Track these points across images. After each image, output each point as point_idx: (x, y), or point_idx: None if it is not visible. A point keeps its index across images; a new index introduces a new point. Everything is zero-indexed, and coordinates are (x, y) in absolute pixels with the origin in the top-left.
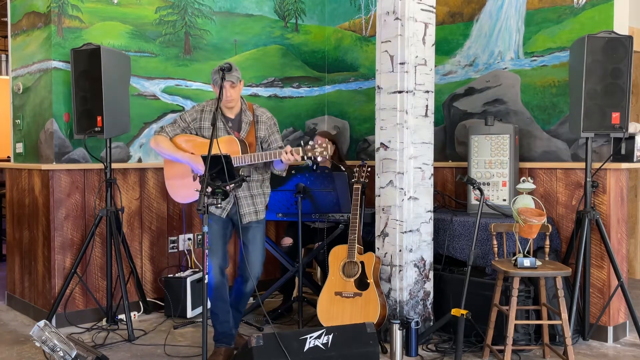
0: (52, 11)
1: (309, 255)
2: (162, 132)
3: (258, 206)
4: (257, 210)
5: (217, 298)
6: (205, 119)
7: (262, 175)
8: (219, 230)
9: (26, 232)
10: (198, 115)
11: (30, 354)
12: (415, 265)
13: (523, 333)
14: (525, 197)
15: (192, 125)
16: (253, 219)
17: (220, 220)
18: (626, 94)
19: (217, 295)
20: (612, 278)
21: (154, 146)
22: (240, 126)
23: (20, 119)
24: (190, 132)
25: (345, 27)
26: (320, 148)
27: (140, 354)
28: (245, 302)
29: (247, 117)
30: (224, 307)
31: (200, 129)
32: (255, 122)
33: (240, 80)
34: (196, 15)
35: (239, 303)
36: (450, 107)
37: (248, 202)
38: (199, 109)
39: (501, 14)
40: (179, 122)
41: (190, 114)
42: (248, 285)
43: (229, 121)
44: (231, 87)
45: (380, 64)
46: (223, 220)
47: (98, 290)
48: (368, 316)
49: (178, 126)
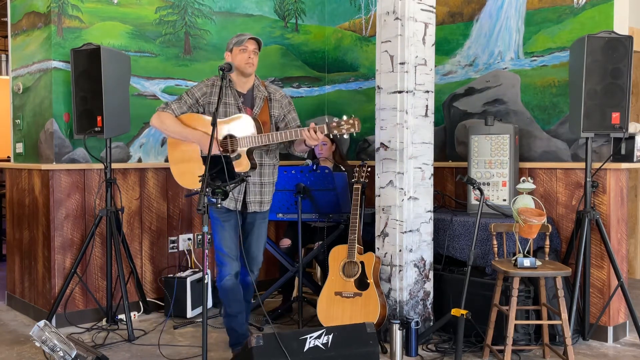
0: (52, 11)
1: (309, 255)
2: (167, 108)
3: (265, 197)
4: (262, 201)
5: (233, 300)
6: (216, 94)
7: (273, 160)
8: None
9: (26, 232)
10: (208, 89)
11: (30, 354)
12: (415, 265)
13: (523, 333)
14: (525, 197)
15: (201, 100)
16: (257, 209)
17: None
18: (626, 94)
19: (232, 297)
20: (612, 278)
21: (156, 124)
22: (253, 102)
23: (20, 119)
24: (197, 110)
25: (345, 27)
26: (347, 125)
27: (140, 354)
28: (252, 292)
29: (261, 92)
30: (240, 308)
31: (210, 104)
32: (268, 100)
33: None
34: (196, 15)
35: (246, 294)
36: (450, 107)
37: (256, 190)
38: (209, 83)
39: (501, 14)
40: (185, 99)
41: (199, 88)
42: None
43: (240, 96)
44: (255, 52)
45: (380, 64)
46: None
47: (98, 290)
48: (368, 316)
49: (185, 103)
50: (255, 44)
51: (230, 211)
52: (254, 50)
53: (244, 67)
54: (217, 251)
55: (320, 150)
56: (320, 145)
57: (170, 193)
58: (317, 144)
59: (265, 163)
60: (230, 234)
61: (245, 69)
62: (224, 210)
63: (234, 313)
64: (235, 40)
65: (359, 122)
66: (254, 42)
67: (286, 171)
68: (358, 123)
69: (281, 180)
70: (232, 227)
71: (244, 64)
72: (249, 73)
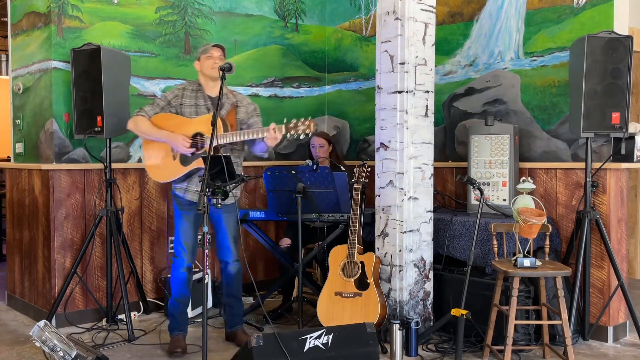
0: (52, 11)
1: (309, 255)
2: (140, 112)
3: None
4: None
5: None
6: (186, 96)
7: (238, 159)
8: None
9: (26, 232)
10: (180, 92)
11: (30, 354)
12: (415, 265)
13: (523, 333)
14: (525, 197)
15: (173, 102)
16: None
17: (194, 207)
18: (626, 94)
19: (181, 287)
20: (612, 278)
21: (132, 128)
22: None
23: (20, 119)
24: (170, 110)
25: (345, 27)
26: (303, 126)
27: (140, 354)
28: (238, 286)
29: (230, 99)
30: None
31: (181, 105)
32: (236, 106)
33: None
34: (196, 15)
35: (231, 288)
36: (450, 107)
37: None
38: (181, 87)
39: (501, 14)
40: (158, 102)
41: (172, 92)
42: (230, 267)
43: (209, 99)
44: (220, 58)
45: (380, 64)
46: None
47: (98, 290)
48: (368, 316)
49: (157, 105)
50: (220, 50)
51: (192, 204)
52: (220, 57)
53: (210, 72)
54: (175, 242)
55: (317, 152)
56: (317, 147)
57: (170, 193)
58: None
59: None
60: (189, 227)
61: (212, 73)
62: (186, 203)
63: (178, 301)
64: (201, 50)
65: (314, 124)
66: (219, 48)
67: (286, 171)
68: (313, 124)
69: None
70: (192, 220)
71: (210, 69)
72: (215, 77)
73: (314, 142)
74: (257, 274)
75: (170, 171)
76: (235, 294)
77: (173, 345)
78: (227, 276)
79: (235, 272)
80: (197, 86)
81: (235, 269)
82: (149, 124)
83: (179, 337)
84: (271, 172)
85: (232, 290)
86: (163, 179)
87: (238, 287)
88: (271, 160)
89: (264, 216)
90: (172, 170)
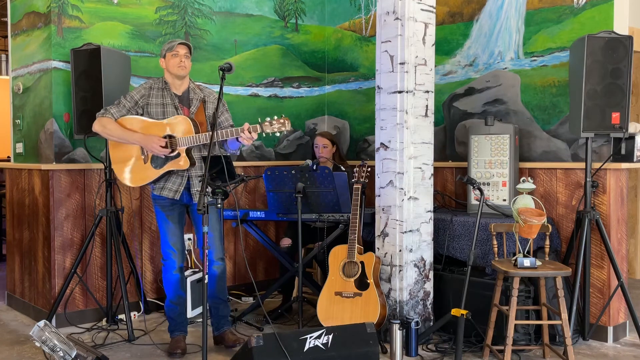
0: (52, 11)
1: (308, 255)
2: (106, 113)
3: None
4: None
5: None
6: (153, 95)
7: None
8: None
9: (26, 232)
10: (147, 92)
11: (30, 354)
12: (415, 265)
13: (523, 333)
14: (525, 197)
15: (140, 102)
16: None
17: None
18: (626, 94)
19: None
20: (612, 278)
21: (99, 129)
22: (189, 103)
23: (20, 119)
24: (137, 111)
25: (345, 27)
26: (278, 124)
27: (140, 354)
28: (223, 287)
29: (197, 94)
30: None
31: (148, 105)
32: (204, 102)
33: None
34: (196, 15)
35: (215, 290)
36: (450, 107)
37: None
38: (147, 86)
39: (501, 14)
40: (124, 103)
41: (138, 91)
42: (213, 267)
43: (176, 97)
44: (186, 56)
45: (380, 64)
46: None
47: (98, 290)
48: (368, 316)
49: (123, 107)
50: (186, 48)
51: (175, 203)
52: (185, 54)
53: (176, 70)
54: (162, 246)
55: (321, 153)
56: (321, 147)
57: None
58: (250, 143)
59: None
60: (174, 227)
61: (178, 72)
62: (168, 203)
63: (174, 303)
64: (167, 47)
65: (289, 122)
66: (185, 46)
67: (286, 171)
68: (288, 122)
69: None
70: (176, 220)
71: (176, 67)
72: (182, 75)
73: (318, 142)
74: (257, 274)
75: (143, 175)
76: (220, 296)
77: (173, 346)
78: (210, 277)
79: (220, 274)
80: (164, 84)
81: (220, 269)
82: (118, 126)
83: (179, 338)
84: (271, 172)
85: (217, 293)
86: (136, 183)
87: (222, 289)
88: (271, 160)
89: (264, 216)
90: (145, 174)
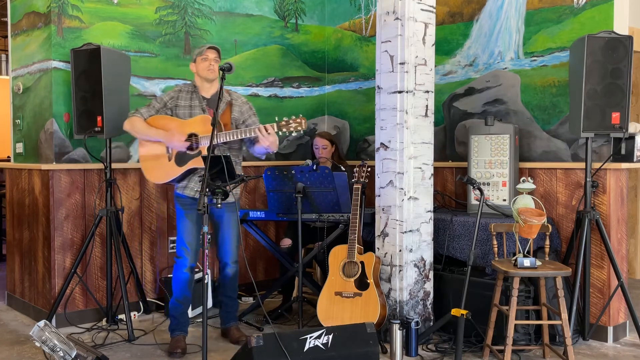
0: (52, 11)
1: (308, 255)
2: (136, 113)
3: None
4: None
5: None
6: (182, 98)
7: (236, 158)
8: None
9: (26, 232)
10: (175, 94)
11: (30, 354)
12: (415, 265)
13: (523, 333)
14: (525, 197)
15: (169, 103)
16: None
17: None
18: (626, 94)
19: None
20: (612, 278)
21: (128, 128)
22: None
23: (20, 119)
24: (166, 113)
25: (345, 27)
26: (295, 123)
27: (140, 354)
28: (234, 287)
29: (225, 97)
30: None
31: (177, 107)
32: (231, 105)
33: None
34: (196, 15)
35: (226, 289)
36: (450, 107)
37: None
38: (177, 89)
39: (501, 14)
40: (154, 104)
41: (167, 94)
42: (228, 269)
43: (205, 100)
44: (215, 60)
45: (380, 64)
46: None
47: (98, 290)
48: (368, 316)
49: (153, 107)
50: (215, 52)
51: (195, 202)
52: (215, 58)
53: (206, 73)
54: (177, 243)
55: (320, 153)
56: (320, 148)
57: (170, 193)
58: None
59: None
60: (191, 226)
61: (207, 75)
62: (189, 202)
63: (179, 302)
64: (197, 51)
65: (305, 121)
66: (214, 50)
67: (286, 171)
68: (305, 122)
69: (281, 180)
70: (194, 220)
71: (206, 70)
72: (211, 78)
73: (317, 143)
74: (257, 274)
75: (166, 172)
76: (231, 294)
77: (173, 345)
78: (224, 277)
79: (233, 274)
80: (193, 88)
81: (233, 271)
82: (145, 124)
83: (179, 338)
84: (271, 172)
85: (228, 291)
86: (159, 179)
87: (234, 288)
88: (271, 160)
89: (264, 216)
90: (168, 171)
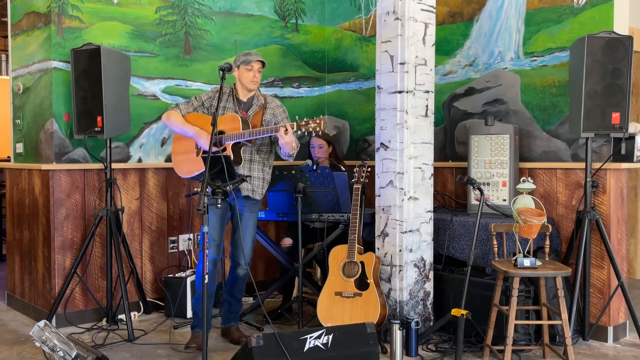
0: (52, 11)
1: (308, 255)
2: (176, 107)
3: (255, 188)
4: (253, 189)
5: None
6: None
7: (264, 160)
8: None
9: (26, 232)
10: (213, 95)
11: (30, 354)
12: (415, 265)
13: (523, 333)
14: (525, 197)
15: (206, 103)
16: (249, 194)
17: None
18: (626, 94)
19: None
20: (612, 278)
21: (165, 120)
22: (250, 107)
23: (20, 119)
24: (203, 111)
25: (345, 27)
26: (314, 124)
27: (140, 354)
28: (241, 288)
29: (259, 100)
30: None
31: (212, 107)
32: (264, 107)
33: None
34: (196, 15)
35: (234, 288)
36: (450, 107)
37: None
38: (215, 90)
39: (501, 14)
40: (192, 101)
41: (206, 94)
42: (238, 270)
43: (241, 103)
44: (259, 71)
45: (380, 64)
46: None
47: (98, 290)
48: (368, 316)
49: (191, 105)
50: (261, 64)
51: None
52: (259, 69)
53: (249, 84)
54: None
55: (316, 153)
56: (317, 148)
57: (170, 193)
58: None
59: (254, 159)
60: (215, 221)
61: (250, 85)
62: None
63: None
64: (243, 59)
65: (325, 122)
66: (260, 63)
67: (286, 171)
68: (324, 123)
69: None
70: (218, 214)
71: (249, 81)
72: (252, 89)
73: (314, 142)
74: (257, 274)
75: (191, 166)
76: (237, 295)
77: (191, 340)
78: (233, 277)
79: (242, 276)
80: (231, 91)
81: (243, 273)
82: (181, 119)
83: (199, 334)
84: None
85: (235, 291)
86: (185, 174)
87: (241, 290)
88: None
89: (264, 216)
90: (193, 166)
